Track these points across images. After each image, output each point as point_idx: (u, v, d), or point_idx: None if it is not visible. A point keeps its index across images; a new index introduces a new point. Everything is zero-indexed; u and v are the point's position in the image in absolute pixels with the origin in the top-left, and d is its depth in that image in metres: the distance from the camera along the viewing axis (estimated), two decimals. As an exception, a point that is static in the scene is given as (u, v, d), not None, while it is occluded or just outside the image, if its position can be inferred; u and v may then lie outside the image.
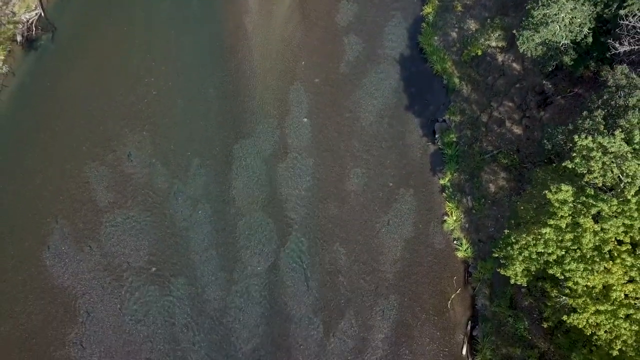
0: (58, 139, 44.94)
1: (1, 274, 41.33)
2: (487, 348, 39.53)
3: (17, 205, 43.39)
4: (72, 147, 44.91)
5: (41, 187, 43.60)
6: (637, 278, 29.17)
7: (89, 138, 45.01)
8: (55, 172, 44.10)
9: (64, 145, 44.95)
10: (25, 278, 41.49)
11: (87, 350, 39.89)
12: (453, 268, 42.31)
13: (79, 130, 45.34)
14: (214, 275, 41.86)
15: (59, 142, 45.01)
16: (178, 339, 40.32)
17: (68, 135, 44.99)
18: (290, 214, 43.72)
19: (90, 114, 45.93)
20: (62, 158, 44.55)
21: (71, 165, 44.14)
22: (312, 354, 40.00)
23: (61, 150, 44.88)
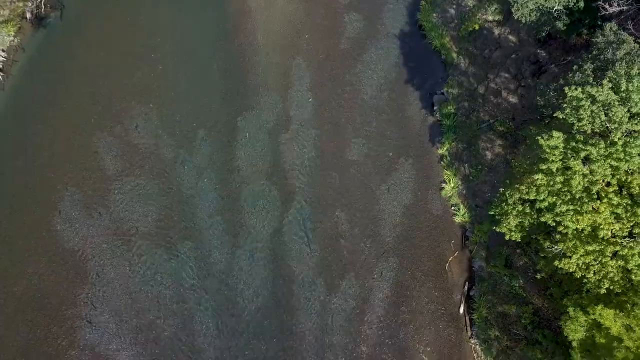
0: (67, 111, 53.04)
1: (14, 238, 49.56)
2: (483, 306, 47.23)
3: (28, 174, 52.03)
4: (81, 119, 52.99)
5: (51, 157, 51.57)
6: (623, 215, 36.42)
7: (97, 111, 53.12)
8: (64, 143, 52.51)
9: (73, 118, 53.03)
10: (37, 242, 49.45)
11: (98, 309, 47.64)
12: (451, 232, 50.36)
13: (87, 103, 53.43)
14: (220, 240, 49.87)
15: (68, 115, 53.05)
16: (185, 298, 48.19)
17: (76, 108, 53.09)
18: (293, 182, 51.93)
19: (98, 89, 54.06)
20: (71, 129, 52.68)
21: (80, 136, 52.22)
22: (315, 313, 47.85)
23: (70, 122, 53.01)
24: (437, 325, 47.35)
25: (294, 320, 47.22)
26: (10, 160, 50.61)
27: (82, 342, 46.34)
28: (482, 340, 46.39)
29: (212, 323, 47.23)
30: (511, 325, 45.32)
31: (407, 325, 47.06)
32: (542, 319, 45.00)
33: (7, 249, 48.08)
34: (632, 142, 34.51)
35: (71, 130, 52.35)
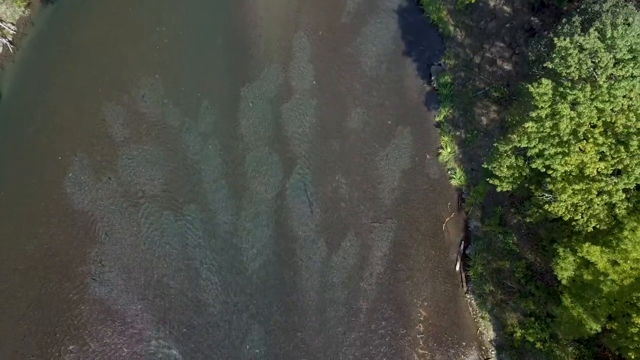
0: (75, 82, 63.35)
1: (25, 200, 59.98)
2: (478, 263, 57.42)
3: (38, 141, 62.57)
4: (89, 90, 64.02)
5: (60, 125, 62.47)
6: (608, 153, 45.46)
7: (105, 81, 63.46)
8: (73, 112, 63.39)
9: (81, 88, 64.03)
10: (48, 204, 59.77)
11: (106, 267, 57.87)
12: (447, 195, 60.82)
13: (94, 74, 64.14)
14: (224, 202, 60.24)
15: (76, 85, 63.85)
16: (191, 257, 58.46)
17: (85, 79, 63.55)
18: (294, 148, 62.45)
19: (105, 61, 64.69)
20: (79, 99, 63.77)
21: (88, 105, 62.47)
22: (316, 270, 58.07)
23: (78, 92, 64.07)
24: (434, 282, 57.00)
25: (296, 277, 56.91)
26: (21, 127, 60.94)
27: (92, 297, 55.94)
28: (477, 295, 55.96)
29: (218, 280, 56.82)
30: (505, 280, 54.83)
31: (405, 282, 56.75)
32: (534, 273, 54.74)
33: (19, 210, 58.70)
34: (616, 84, 43.18)
35: (79, 100, 63.31)
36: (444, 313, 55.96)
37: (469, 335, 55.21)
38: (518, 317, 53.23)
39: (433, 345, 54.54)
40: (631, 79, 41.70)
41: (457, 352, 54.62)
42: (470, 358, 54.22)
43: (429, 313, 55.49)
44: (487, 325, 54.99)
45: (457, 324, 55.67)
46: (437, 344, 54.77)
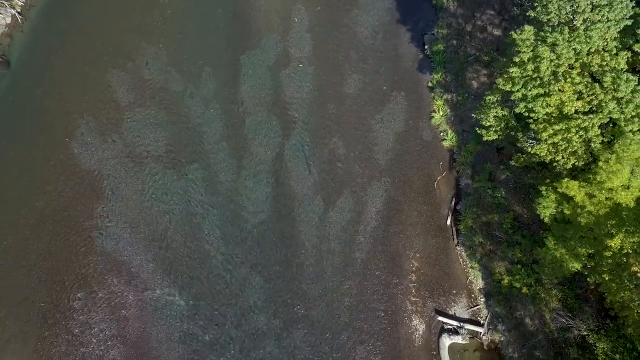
0: (81, 50, 77.32)
1: (35, 160, 73.52)
2: (468, 217, 71.03)
3: (46, 105, 76.18)
4: (95, 57, 77.75)
5: (68, 90, 76.08)
6: (584, 91, 58.67)
7: (110, 50, 77.61)
8: (80, 78, 76.99)
9: (87, 56, 77.84)
10: (56, 163, 73.63)
11: (112, 222, 71.55)
12: (439, 155, 74.75)
13: (100, 43, 77.93)
14: (225, 162, 74.12)
15: (83, 53, 77.78)
16: (193, 212, 72.16)
17: (90, 48, 77.48)
18: (293, 113, 76.56)
19: (111, 30, 78.76)
20: (85, 66, 77.46)
21: (94, 72, 76.69)
22: (314, 225, 71.71)
23: (85, 60, 77.80)
24: (426, 236, 70.55)
25: (295, 231, 70.51)
26: (30, 93, 75.10)
27: (99, 249, 69.44)
28: (467, 246, 69.44)
29: (219, 233, 70.36)
30: (494, 231, 68.31)
31: (398, 235, 70.30)
32: (521, 224, 68.24)
33: (29, 169, 72.64)
34: (592, 26, 55.85)
35: (86, 67, 76.99)
36: (435, 264, 68.72)
37: (459, 284, 68.08)
38: (505, 265, 66.07)
39: (425, 293, 67.51)
40: (606, 22, 54.29)
41: (447, 300, 67.41)
42: (460, 305, 66.99)
43: (420, 264, 68.44)
44: (476, 275, 67.76)
45: (448, 274, 68.54)
46: (429, 292, 67.60)
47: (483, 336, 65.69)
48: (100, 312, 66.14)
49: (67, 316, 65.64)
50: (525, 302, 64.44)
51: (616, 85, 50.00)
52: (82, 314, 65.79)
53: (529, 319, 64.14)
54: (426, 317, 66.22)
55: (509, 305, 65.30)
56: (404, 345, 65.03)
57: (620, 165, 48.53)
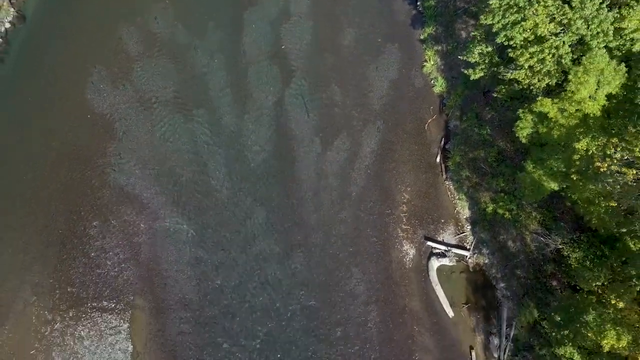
0: (94, 6, 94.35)
1: (50, 104, 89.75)
2: (456, 154, 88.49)
3: (61, 56, 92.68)
4: (105, 13, 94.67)
5: (80, 42, 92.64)
6: (555, 13, 75.56)
7: (119, 7, 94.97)
8: (92, 32, 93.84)
9: (99, 11, 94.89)
10: (71, 107, 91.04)
11: (124, 159, 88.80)
12: (430, 100, 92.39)
13: (110, 1, 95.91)
14: (229, 107, 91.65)
15: (95, 10, 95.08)
16: (200, 152, 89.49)
17: (103, 4, 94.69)
18: (292, 62, 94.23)
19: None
20: (97, 20, 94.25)
21: (106, 26, 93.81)
22: (312, 163, 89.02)
23: (97, 15, 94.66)
24: (417, 172, 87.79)
25: (295, 169, 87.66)
26: (46, 44, 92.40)
27: (113, 183, 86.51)
28: (455, 180, 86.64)
29: (224, 170, 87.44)
30: (479, 165, 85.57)
31: (391, 172, 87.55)
32: (505, 157, 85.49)
33: (46, 112, 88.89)
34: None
35: (98, 22, 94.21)
36: (425, 196, 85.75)
37: (447, 214, 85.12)
38: (490, 195, 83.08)
39: (415, 222, 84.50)
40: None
41: (436, 228, 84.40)
42: (448, 232, 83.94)
43: (411, 196, 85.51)
44: (463, 205, 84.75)
45: (437, 205, 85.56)
46: (419, 221, 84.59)
47: (469, 259, 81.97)
48: (114, 239, 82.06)
49: (84, 242, 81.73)
50: (507, 227, 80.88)
51: (583, 5, 66.80)
52: (97, 240, 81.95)
53: (511, 241, 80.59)
54: (416, 242, 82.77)
55: (492, 230, 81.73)
56: (395, 267, 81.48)
57: (587, 76, 64.90)
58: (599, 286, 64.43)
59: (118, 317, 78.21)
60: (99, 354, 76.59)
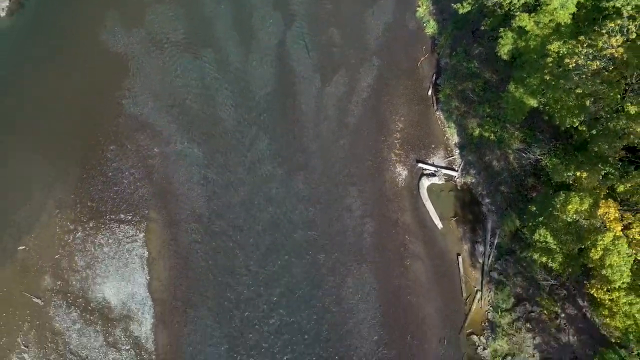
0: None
1: (68, 45, 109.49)
2: (446, 87, 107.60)
3: (76, 2, 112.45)
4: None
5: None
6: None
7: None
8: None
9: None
10: (87, 48, 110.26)
11: (138, 92, 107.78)
12: (423, 41, 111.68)
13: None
14: (235, 47, 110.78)
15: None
16: (208, 86, 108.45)
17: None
18: (294, 7, 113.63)
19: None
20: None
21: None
22: (313, 96, 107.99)
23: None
24: (410, 104, 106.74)
25: (296, 101, 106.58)
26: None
27: (127, 112, 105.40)
28: (445, 110, 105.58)
29: (231, 102, 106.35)
30: (467, 94, 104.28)
31: (386, 104, 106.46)
32: (491, 86, 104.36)
33: (64, 53, 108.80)
34: None
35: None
36: (417, 125, 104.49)
37: (437, 140, 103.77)
38: (477, 121, 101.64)
39: (407, 148, 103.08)
40: None
41: (427, 152, 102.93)
42: (438, 156, 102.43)
43: (404, 125, 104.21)
44: (452, 132, 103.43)
45: (428, 133, 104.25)
46: (411, 146, 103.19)
47: (457, 179, 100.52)
48: (129, 161, 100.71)
49: (102, 163, 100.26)
50: (492, 148, 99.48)
51: None
52: (114, 161, 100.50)
53: (495, 161, 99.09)
54: (408, 165, 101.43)
55: (479, 152, 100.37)
56: (389, 186, 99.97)
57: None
58: (570, 176, 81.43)
59: (134, 228, 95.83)
60: (117, 259, 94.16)
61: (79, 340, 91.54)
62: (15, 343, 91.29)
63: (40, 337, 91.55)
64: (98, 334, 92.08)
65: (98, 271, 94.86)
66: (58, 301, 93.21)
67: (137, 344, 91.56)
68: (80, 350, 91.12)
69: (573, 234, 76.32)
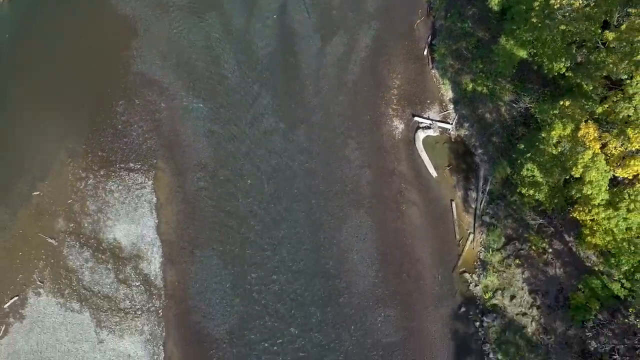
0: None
1: (78, 8, 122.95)
2: (441, 47, 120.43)
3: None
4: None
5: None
6: None
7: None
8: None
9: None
10: (97, 10, 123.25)
11: (146, 51, 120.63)
12: (419, 4, 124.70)
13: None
14: (238, 10, 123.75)
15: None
16: (213, 47, 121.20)
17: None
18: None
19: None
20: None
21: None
22: (313, 55, 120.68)
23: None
24: (406, 63, 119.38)
25: (297, 60, 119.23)
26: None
27: (135, 70, 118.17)
28: (440, 68, 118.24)
29: (234, 61, 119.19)
30: (462, 52, 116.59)
31: (384, 63, 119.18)
32: (483, 44, 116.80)
33: (75, 15, 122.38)
34: None
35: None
36: (413, 83, 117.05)
37: (432, 96, 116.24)
38: (470, 77, 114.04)
39: (404, 103, 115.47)
40: None
41: (422, 107, 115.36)
42: (433, 111, 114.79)
43: (401, 82, 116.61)
44: (446, 88, 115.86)
45: (423, 90, 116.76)
46: (407, 102, 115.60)
47: (451, 132, 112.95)
48: (138, 114, 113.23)
49: (112, 117, 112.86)
50: (485, 101, 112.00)
51: None
52: (123, 115, 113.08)
53: (488, 114, 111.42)
54: (404, 119, 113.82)
55: (472, 106, 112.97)
56: (386, 139, 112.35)
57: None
58: (555, 114, 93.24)
59: (143, 176, 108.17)
60: (127, 204, 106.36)
61: (91, 277, 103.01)
62: (31, 279, 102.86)
63: (54, 274, 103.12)
64: (109, 272, 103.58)
65: (109, 215, 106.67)
66: (71, 242, 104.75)
67: (146, 280, 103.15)
68: (92, 285, 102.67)
69: (558, 166, 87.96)
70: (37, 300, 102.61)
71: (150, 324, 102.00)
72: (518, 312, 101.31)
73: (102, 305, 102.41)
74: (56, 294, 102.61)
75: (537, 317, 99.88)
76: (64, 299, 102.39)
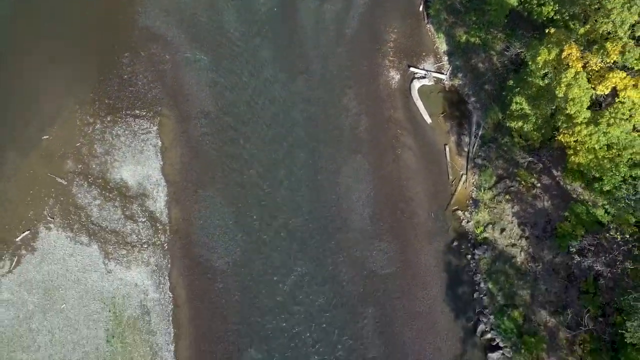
0: None
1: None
2: (436, 3, 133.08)
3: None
4: None
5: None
6: None
7: None
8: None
9: None
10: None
11: (150, 8, 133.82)
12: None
13: None
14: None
15: None
16: (214, 2, 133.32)
17: None
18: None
19: None
20: None
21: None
22: (312, 10, 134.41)
23: None
24: (402, 18, 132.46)
25: (297, 15, 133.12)
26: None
27: (140, 25, 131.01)
28: (435, 22, 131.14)
29: (235, 17, 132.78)
30: (455, 6, 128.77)
31: (381, 17, 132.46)
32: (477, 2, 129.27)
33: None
34: None
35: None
36: (409, 36, 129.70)
37: (427, 49, 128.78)
38: (464, 29, 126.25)
39: (400, 55, 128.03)
40: None
41: (418, 59, 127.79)
42: (429, 62, 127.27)
43: (397, 36, 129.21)
44: (441, 41, 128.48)
45: (419, 43, 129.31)
46: (403, 54, 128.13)
47: (445, 82, 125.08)
48: (143, 65, 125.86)
49: (118, 67, 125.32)
50: (478, 52, 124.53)
51: None
52: (129, 66, 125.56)
53: (480, 63, 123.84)
54: (401, 70, 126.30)
55: (465, 56, 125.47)
56: (383, 88, 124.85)
57: None
58: (543, 50, 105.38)
59: (148, 122, 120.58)
60: (133, 147, 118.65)
61: (99, 213, 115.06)
62: (42, 215, 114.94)
63: (64, 211, 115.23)
64: (117, 209, 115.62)
65: (116, 156, 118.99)
66: (80, 181, 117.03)
67: (152, 217, 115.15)
68: (100, 221, 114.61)
69: (545, 97, 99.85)
70: (47, 234, 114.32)
71: (156, 256, 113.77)
72: (508, 243, 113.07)
73: (109, 239, 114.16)
74: (66, 229, 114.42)
75: (526, 247, 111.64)
76: (74, 233, 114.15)
